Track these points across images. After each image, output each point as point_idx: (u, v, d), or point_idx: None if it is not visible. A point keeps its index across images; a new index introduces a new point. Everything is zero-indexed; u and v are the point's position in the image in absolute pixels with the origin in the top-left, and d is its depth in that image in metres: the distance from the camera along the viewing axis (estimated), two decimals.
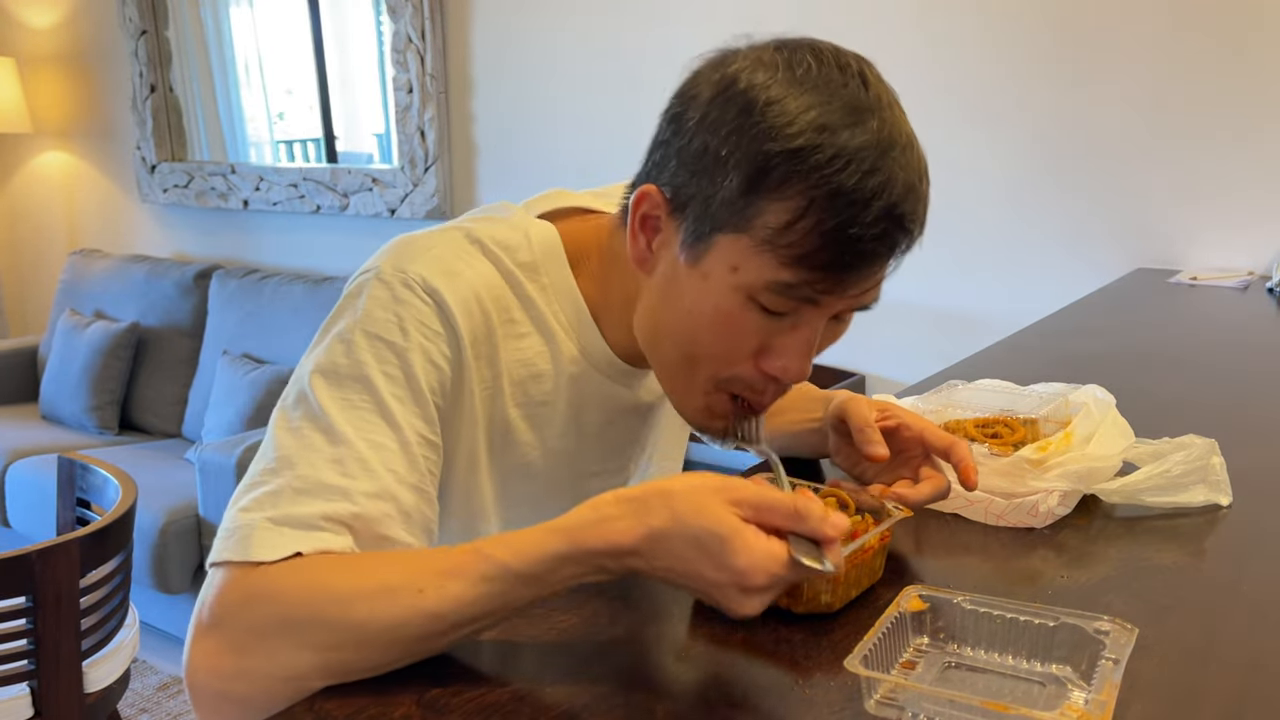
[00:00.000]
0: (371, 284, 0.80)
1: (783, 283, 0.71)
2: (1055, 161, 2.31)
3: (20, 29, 4.41)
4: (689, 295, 0.75)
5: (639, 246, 0.79)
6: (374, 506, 0.73)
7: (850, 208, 0.68)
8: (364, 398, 0.76)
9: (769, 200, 0.70)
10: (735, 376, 0.78)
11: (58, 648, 1.67)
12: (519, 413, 0.86)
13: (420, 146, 3.27)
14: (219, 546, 0.71)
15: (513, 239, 0.85)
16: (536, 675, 0.67)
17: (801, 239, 0.69)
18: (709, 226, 0.73)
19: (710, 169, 0.72)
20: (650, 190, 0.77)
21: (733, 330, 0.75)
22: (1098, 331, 1.69)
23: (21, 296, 4.76)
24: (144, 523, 2.81)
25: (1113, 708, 0.57)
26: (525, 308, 0.85)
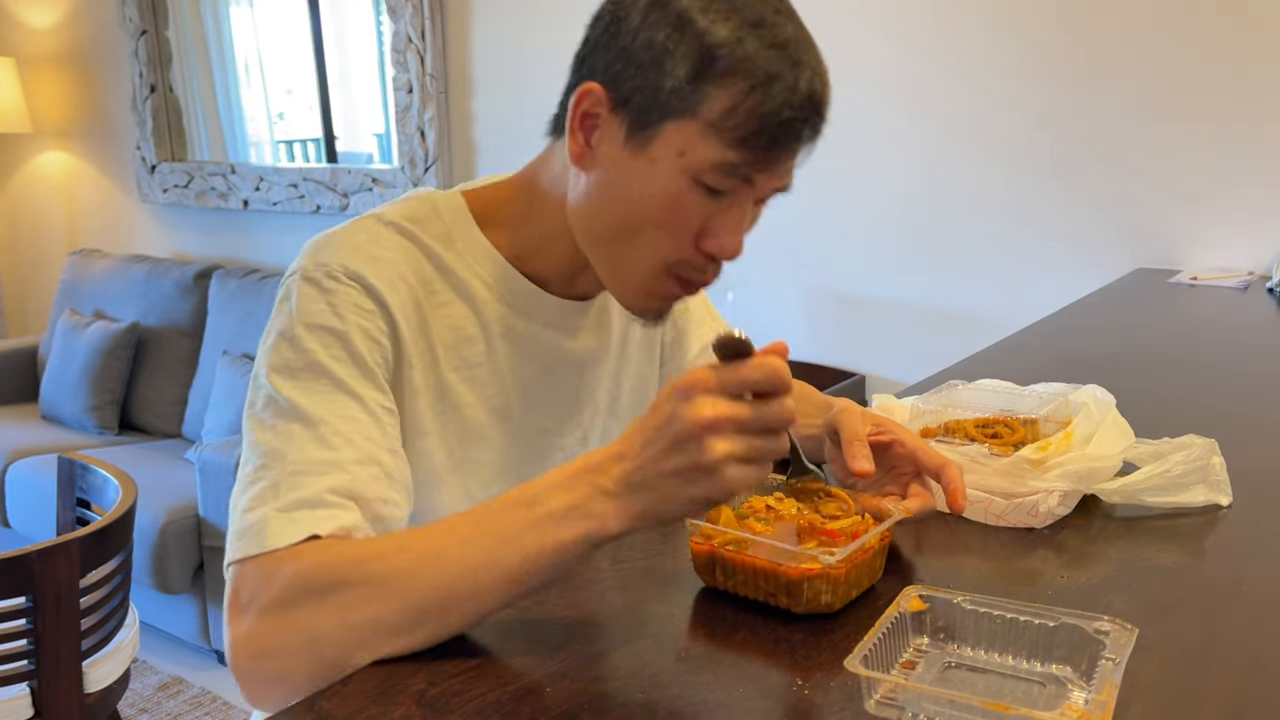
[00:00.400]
0: (298, 285, 0.85)
1: (727, 163, 0.79)
2: (1055, 162, 2.31)
3: (20, 29, 4.41)
4: (637, 181, 0.81)
5: (578, 143, 0.84)
6: (364, 471, 0.78)
7: (785, 93, 0.78)
8: (322, 382, 0.80)
9: (715, 87, 0.78)
10: (681, 260, 0.84)
11: (58, 648, 1.67)
12: (456, 376, 0.91)
13: (420, 146, 3.27)
14: (233, 547, 0.74)
15: (421, 212, 0.91)
16: (536, 675, 0.67)
17: (743, 121, 0.78)
18: (657, 115, 0.80)
19: (657, 62, 0.79)
20: (593, 88, 0.82)
21: (679, 212, 0.81)
22: (1098, 331, 1.69)
23: (21, 296, 4.76)
24: (144, 523, 2.81)
25: (1113, 708, 0.57)
26: (444, 277, 0.90)
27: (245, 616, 0.71)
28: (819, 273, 2.67)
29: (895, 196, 2.52)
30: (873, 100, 2.50)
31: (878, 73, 2.48)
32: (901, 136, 2.48)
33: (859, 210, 2.57)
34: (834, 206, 2.60)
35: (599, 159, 0.83)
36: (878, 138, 2.51)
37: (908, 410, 1.05)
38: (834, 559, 0.72)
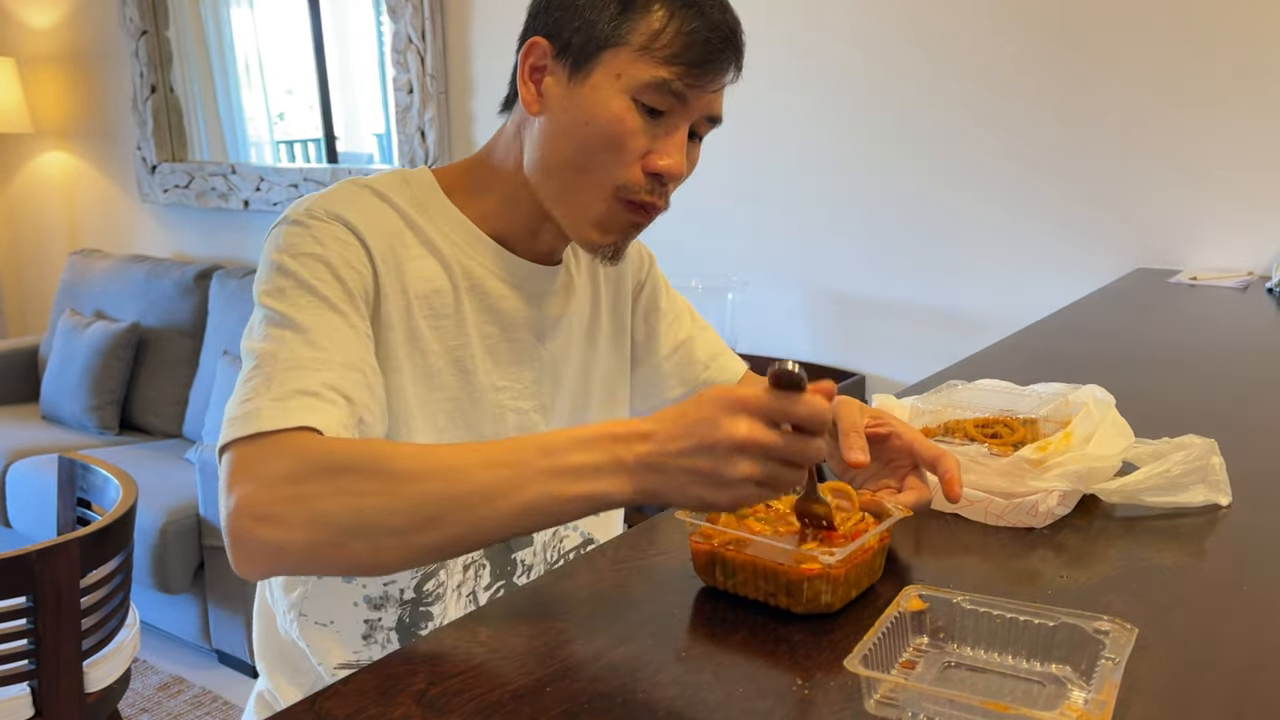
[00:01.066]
0: (282, 227, 0.90)
1: (659, 79, 0.89)
2: (1055, 162, 2.31)
3: (20, 29, 4.41)
4: (582, 109, 0.90)
5: (530, 92, 0.93)
6: (351, 375, 0.82)
7: (701, 15, 0.89)
8: (309, 298, 0.85)
9: (640, 16, 0.89)
10: (627, 182, 0.91)
11: (58, 648, 1.67)
12: (426, 324, 0.95)
13: (420, 146, 3.27)
14: (226, 432, 0.76)
15: (393, 182, 0.99)
16: (536, 675, 0.67)
17: (670, 40, 0.89)
18: (595, 47, 0.90)
19: (591, 3, 0.90)
20: (537, 40, 0.93)
21: (622, 131, 0.89)
22: (1098, 331, 1.69)
23: (22, 296, 4.76)
24: (144, 523, 2.81)
25: (1112, 708, 0.58)
26: (416, 234, 0.96)
27: (248, 483, 0.73)
28: (819, 273, 2.67)
29: (895, 196, 2.52)
30: (873, 100, 2.50)
31: (878, 73, 2.48)
32: (902, 137, 2.48)
33: (859, 210, 2.57)
34: (834, 207, 2.60)
35: (550, 102, 0.92)
36: (878, 138, 2.51)
37: (907, 410, 1.06)
38: (834, 559, 0.72)
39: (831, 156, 2.59)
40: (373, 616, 0.98)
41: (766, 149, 2.66)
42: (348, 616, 0.98)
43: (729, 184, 2.74)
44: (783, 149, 2.64)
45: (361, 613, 0.98)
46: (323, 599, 0.98)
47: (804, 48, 2.55)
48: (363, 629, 0.98)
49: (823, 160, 2.60)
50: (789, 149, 2.64)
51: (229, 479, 0.74)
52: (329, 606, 0.98)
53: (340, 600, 0.98)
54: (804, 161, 2.62)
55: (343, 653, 0.98)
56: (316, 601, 0.99)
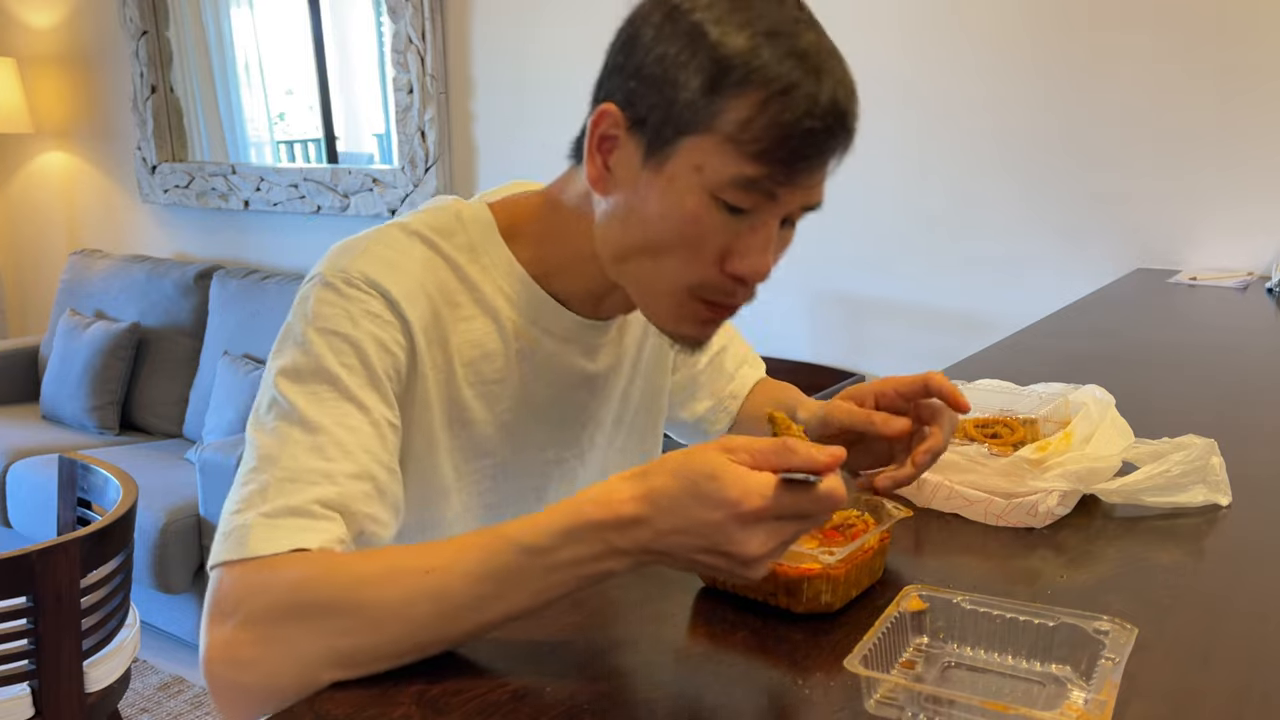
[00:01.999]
0: (316, 289, 0.83)
1: (746, 177, 0.76)
2: (1055, 162, 2.31)
3: (20, 29, 4.41)
4: (655, 201, 0.79)
5: (597, 166, 0.82)
6: (356, 486, 0.76)
7: (804, 101, 0.74)
8: (328, 389, 0.78)
9: (730, 99, 0.75)
10: (704, 282, 0.81)
11: (58, 648, 1.67)
12: (472, 392, 0.89)
13: (420, 147, 3.27)
14: (217, 549, 0.73)
15: (446, 224, 0.89)
16: (536, 675, 0.67)
17: (762, 133, 0.74)
18: (672, 130, 0.77)
19: (671, 76, 0.76)
20: (609, 108, 0.80)
21: (700, 231, 0.78)
22: (1097, 331, 1.69)
23: (22, 296, 4.76)
24: (144, 523, 2.81)
25: (1112, 707, 0.57)
26: (468, 290, 0.88)
27: (227, 623, 0.69)
28: (820, 273, 2.67)
29: (896, 197, 2.52)
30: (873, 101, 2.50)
31: (878, 73, 2.48)
32: (902, 137, 2.48)
33: (860, 210, 2.57)
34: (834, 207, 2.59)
35: (618, 181, 0.81)
36: (878, 138, 2.51)
37: None
38: (834, 559, 0.72)
39: None
40: None
41: None
42: None
43: None
44: None
45: None
46: None
47: None
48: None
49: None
50: None
51: (210, 612, 0.70)
52: None
53: None
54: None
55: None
56: None
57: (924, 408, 0.90)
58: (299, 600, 0.68)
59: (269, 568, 0.70)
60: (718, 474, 0.63)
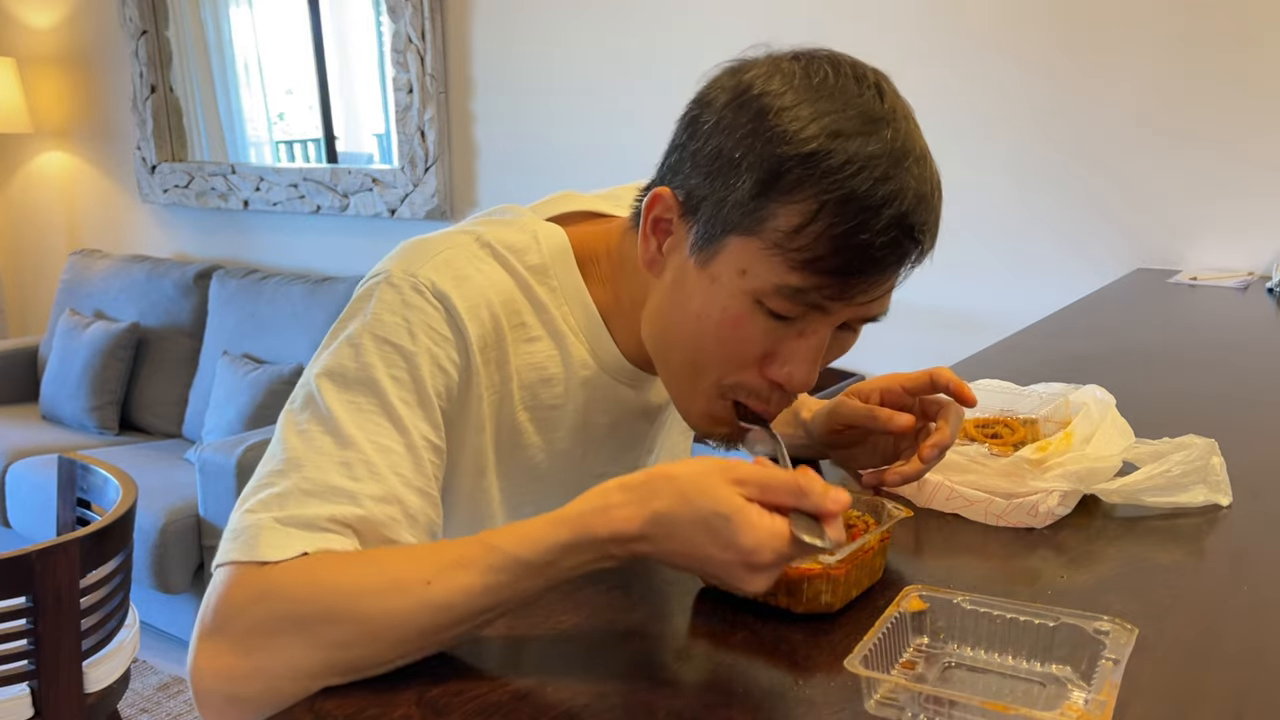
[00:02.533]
0: (381, 288, 0.80)
1: (791, 287, 0.72)
2: (1056, 162, 2.31)
3: (20, 29, 4.41)
4: (697, 298, 0.76)
5: (650, 249, 0.79)
6: (380, 510, 0.73)
7: (861, 214, 0.69)
8: (371, 401, 0.75)
9: (781, 203, 0.70)
10: (740, 383, 0.78)
11: (58, 648, 1.67)
12: (527, 416, 0.86)
13: (420, 146, 3.27)
14: (225, 548, 0.71)
15: (521, 242, 0.86)
16: (536, 675, 0.67)
17: (811, 243, 0.70)
18: (720, 229, 0.73)
19: (724, 171, 0.73)
20: (664, 193, 0.77)
21: (739, 334, 0.75)
22: (1098, 331, 1.69)
23: (21, 296, 4.76)
24: (144, 523, 2.81)
25: (1113, 708, 0.57)
26: (536, 311, 0.85)
27: (222, 634, 0.68)
28: None
29: None
30: None
31: None
32: None
33: None
34: None
35: (668, 267, 0.79)
36: None
37: None
38: (834, 559, 0.72)
39: None
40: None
41: None
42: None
43: None
44: None
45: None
46: None
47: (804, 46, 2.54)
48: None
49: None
50: None
51: (207, 617, 0.69)
52: None
53: None
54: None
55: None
56: None
57: (930, 403, 0.90)
58: (294, 613, 0.67)
59: (274, 575, 0.69)
60: (731, 517, 0.62)
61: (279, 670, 0.67)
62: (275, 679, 0.67)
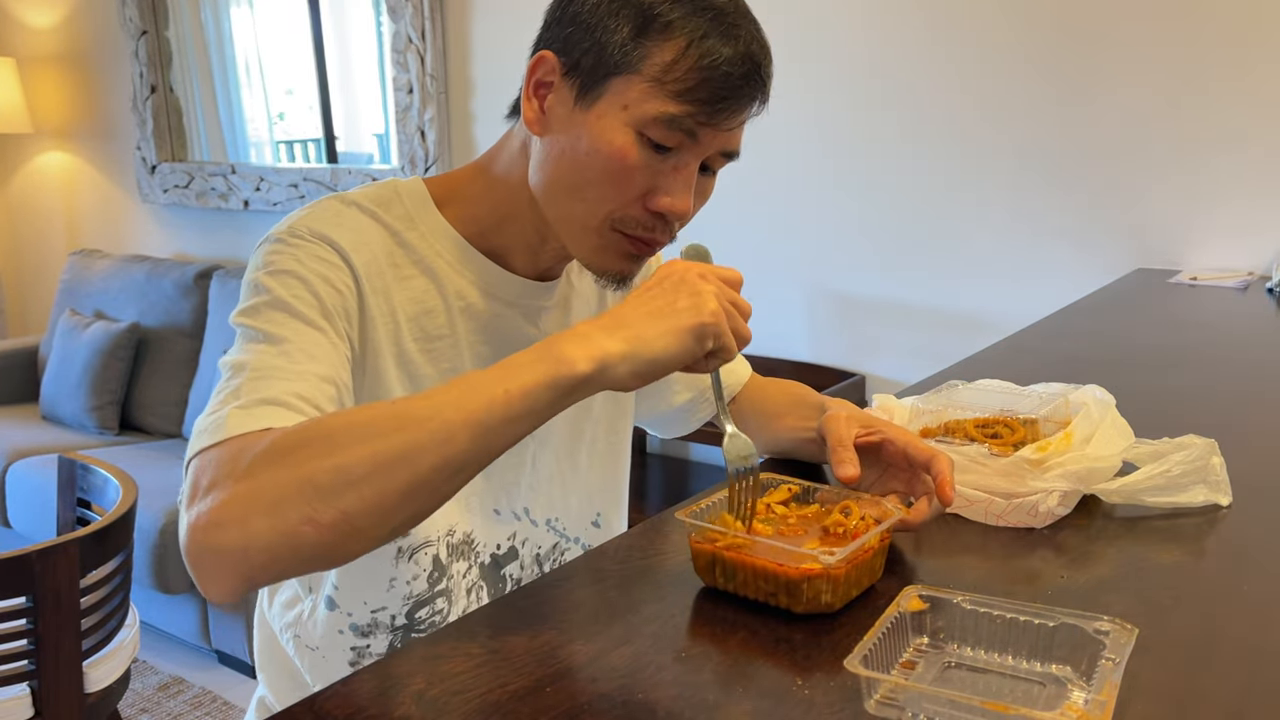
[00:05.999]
0: (265, 246, 0.87)
1: (669, 115, 0.82)
2: (1056, 162, 2.31)
3: (20, 29, 4.41)
4: (585, 138, 0.85)
5: (534, 109, 0.88)
6: (324, 389, 0.79)
7: (722, 48, 0.82)
8: (285, 315, 0.82)
9: (655, 43, 0.82)
10: (626, 216, 0.86)
11: (58, 648, 1.67)
12: (417, 347, 0.92)
13: (420, 147, 3.27)
14: (193, 443, 0.73)
15: (383, 195, 0.94)
16: (536, 675, 0.67)
17: (684, 75, 0.82)
18: (603, 73, 0.84)
19: (603, 22, 0.84)
20: (546, 55, 0.87)
21: (624, 166, 0.84)
22: (1098, 331, 1.69)
23: (21, 296, 4.76)
24: (144, 523, 2.81)
25: (1113, 708, 0.58)
26: (407, 253, 0.92)
27: (205, 498, 0.68)
28: (819, 273, 2.67)
29: (896, 197, 2.52)
30: (874, 101, 2.50)
31: (878, 74, 2.48)
32: (903, 138, 2.48)
33: (859, 210, 2.57)
34: (834, 207, 2.60)
35: (552, 123, 0.87)
36: (878, 138, 2.51)
37: (908, 410, 1.06)
38: (834, 559, 0.72)
39: (832, 156, 2.59)
40: (360, 644, 0.97)
41: (767, 149, 2.66)
42: (334, 644, 0.97)
43: (729, 184, 2.74)
44: (783, 149, 2.64)
45: (348, 640, 0.97)
46: (311, 625, 0.98)
47: (805, 49, 2.55)
48: (349, 656, 0.97)
49: (823, 160, 2.60)
50: (789, 149, 2.63)
51: (188, 494, 0.69)
52: (316, 633, 0.98)
53: (326, 628, 0.97)
54: (804, 161, 2.62)
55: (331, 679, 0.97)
56: (306, 627, 0.98)
57: (920, 482, 0.89)
58: (270, 451, 0.67)
59: (244, 440, 0.70)
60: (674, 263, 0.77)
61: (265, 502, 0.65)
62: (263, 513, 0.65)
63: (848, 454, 0.89)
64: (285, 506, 0.65)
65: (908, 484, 0.90)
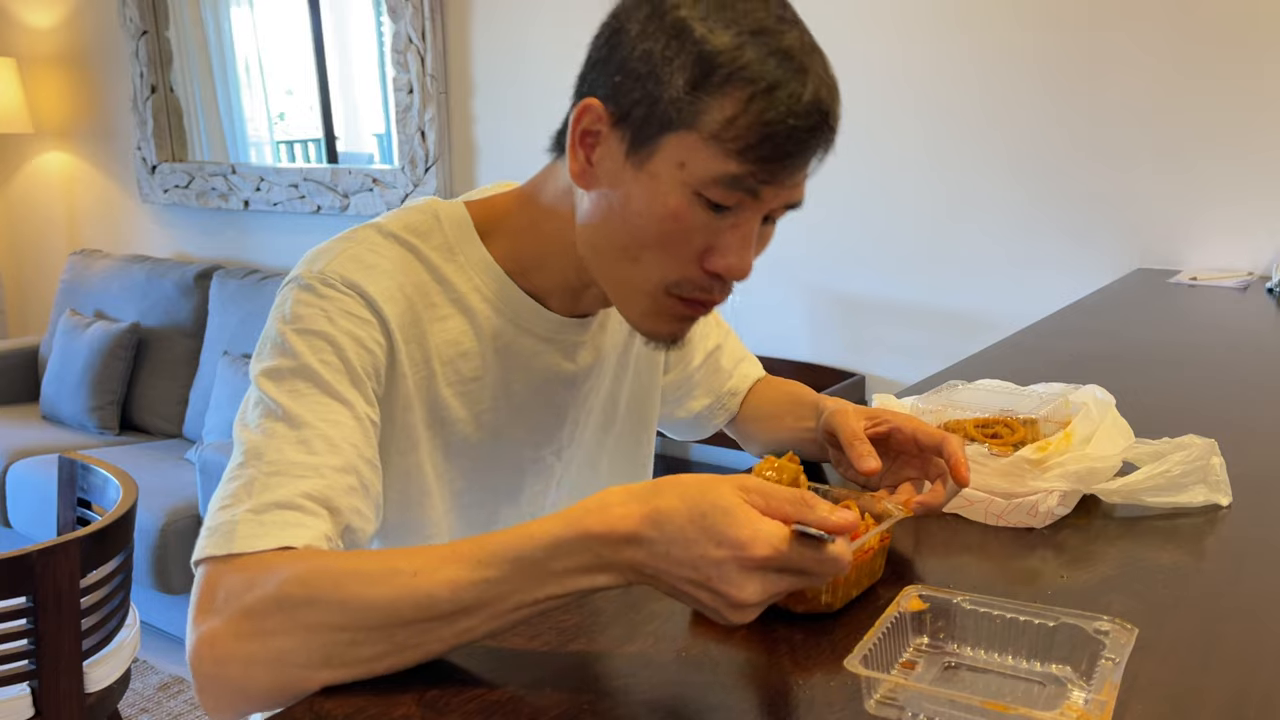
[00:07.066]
0: (293, 291, 0.83)
1: (729, 175, 0.76)
2: (1056, 162, 2.31)
3: (20, 29, 4.41)
4: (637, 198, 0.78)
5: (579, 161, 0.82)
6: (342, 480, 0.75)
7: (787, 100, 0.74)
8: (309, 385, 0.79)
9: (714, 96, 0.75)
10: (683, 279, 0.81)
11: (58, 648, 1.67)
12: (451, 391, 0.89)
13: (420, 147, 3.27)
14: (202, 544, 0.72)
15: (423, 224, 0.89)
16: (536, 675, 0.67)
17: (745, 131, 0.74)
18: (656, 127, 0.77)
19: (655, 72, 0.76)
20: (592, 103, 0.80)
21: (681, 228, 0.78)
22: (1098, 331, 1.69)
23: (22, 296, 4.76)
24: (144, 523, 2.81)
25: (1113, 708, 0.57)
26: (444, 289, 0.88)
27: (214, 618, 0.68)
28: (820, 273, 2.67)
29: (896, 197, 2.52)
30: (874, 101, 2.50)
31: (879, 74, 2.48)
32: (902, 137, 2.48)
33: (860, 211, 2.57)
34: (835, 207, 2.60)
35: (600, 176, 0.81)
36: (878, 139, 2.51)
37: (908, 410, 1.05)
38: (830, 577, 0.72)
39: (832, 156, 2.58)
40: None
41: None
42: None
43: None
44: None
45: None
46: None
47: None
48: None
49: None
50: None
51: (196, 607, 0.69)
52: None
53: None
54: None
55: None
56: None
57: (933, 465, 0.89)
58: (284, 595, 0.67)
59: (255, 565, 0.69)
60: (730, 510, 0.61)
61: (266, 655, 0.66)
62: (263, 665, 0.66)
63: (865, 447, 0.88)
64: (288, 664, 0.66)
65: (921, 469, 0.90)
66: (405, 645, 0.66)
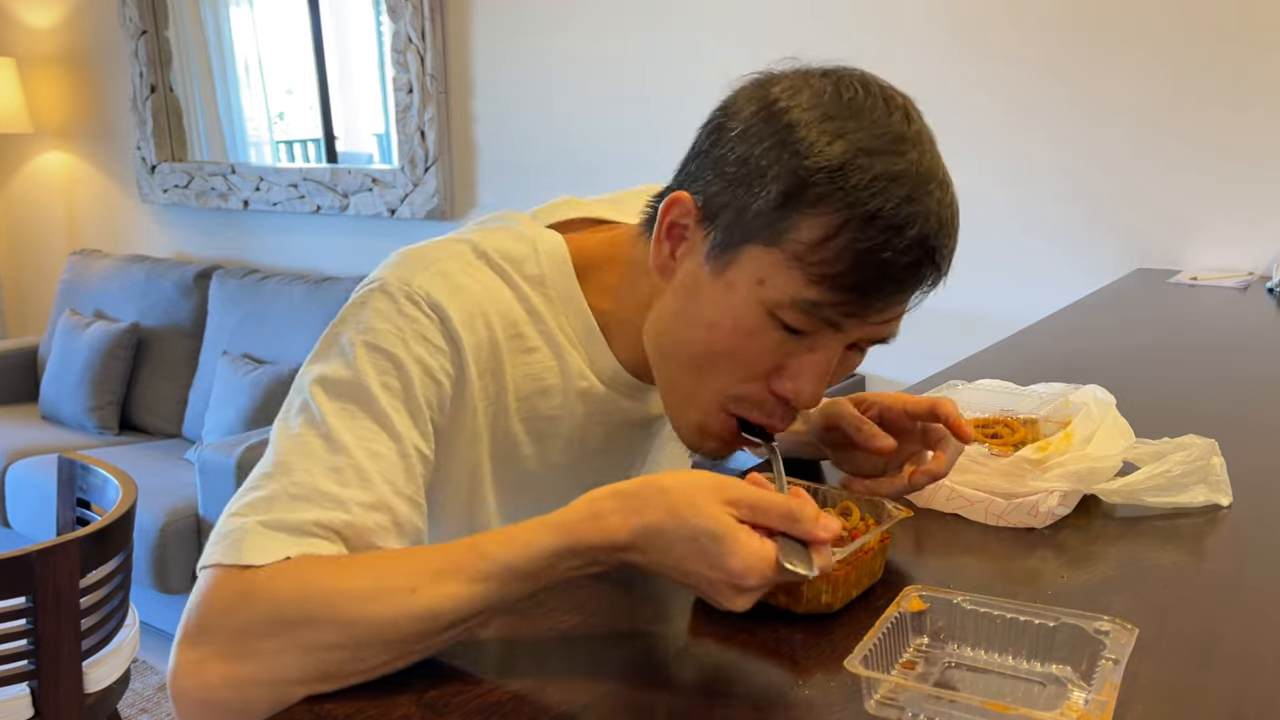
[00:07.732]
0: (375, 295, 0.79)
1: (808, 301, 0.71)
2: (1056, 162, 2.31)
3: (20, 29, 4.41)
4: (710, 306, 0.75)
5: (662, 253, 0.78)
6: (369, 518, 0.72)
7: (885, 232, 0.69)
8: (363, 408, 0.75)
9: (805, 215, 0.70)
10: (745, 395, 0.77)
11: (58, 648, 1.67)
12: (523, 427, 0.86)
13: (420, 146, 3.27)
14: (209, 550, 0.71)
15: (520, 251, 0.85)
16: (536, 675, 0.67)
17: (833, 258, 0.69)
18: (740, 237, 0.73)
19: (748, 179, 0.72)
20: (682, 197, 0.76)
21: (751, 345, 0.74)
22: (1098, 331, 1.69)
23: (21, 296, 4.76)
24: (144, 523, 2.81)
25: (1113, 708, 0.57)
26: (534, 322, 0.84)
27: (205, 641, 0.67)
28: None
29: None
30: None
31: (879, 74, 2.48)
32: None
33: None
34: None
35: (680, 273, 0.77)
36: None
37: None
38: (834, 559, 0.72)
39: None
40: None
41: None
42: None
43: None
44: None
45: None
46: None
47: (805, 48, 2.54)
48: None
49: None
50: None
51: (191, 620, 0.68)
52: None
53: None
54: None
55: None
56: None
57: (931, 432, 0.89)
58: (277, 616, 0.66)
59: (253, 578, 0.68)
60: (721, 538, 0.62)
61: (259, 676, 0.66)
62: (256, 685, 0.66)
63: (872, 428, 0.88)
64: (283, 682, 0.66)
65: (921, 441, 0.89)
66: (404, 654, 0.67)
